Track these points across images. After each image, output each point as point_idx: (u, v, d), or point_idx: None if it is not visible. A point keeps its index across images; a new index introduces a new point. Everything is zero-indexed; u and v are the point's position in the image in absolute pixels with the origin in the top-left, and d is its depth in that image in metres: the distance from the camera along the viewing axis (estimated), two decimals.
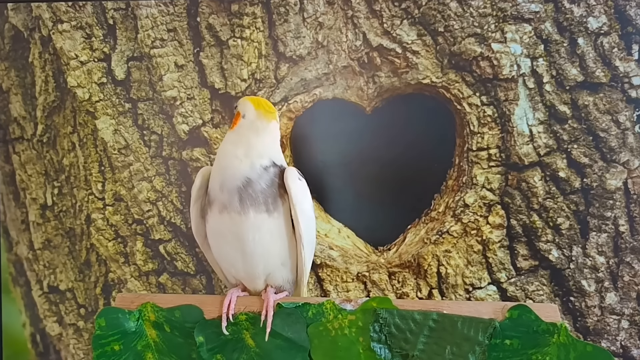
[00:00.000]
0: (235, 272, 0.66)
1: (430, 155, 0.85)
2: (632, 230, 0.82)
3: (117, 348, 0.64)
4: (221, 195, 0.63)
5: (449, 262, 0.85)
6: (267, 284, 0.66)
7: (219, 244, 0.66)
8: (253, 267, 0.65)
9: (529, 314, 0.62)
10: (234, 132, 0.66)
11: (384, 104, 0.86)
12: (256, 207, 0.62)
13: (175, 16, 0.87)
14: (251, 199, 0.62)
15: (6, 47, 0.92)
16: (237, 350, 0.64)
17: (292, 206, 0.64)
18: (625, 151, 0.82)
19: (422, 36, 0.84)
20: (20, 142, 0.93)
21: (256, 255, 0.64)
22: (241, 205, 0.62)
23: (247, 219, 0.62)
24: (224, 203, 0.63)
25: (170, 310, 0.65)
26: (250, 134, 0.64)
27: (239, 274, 0.66)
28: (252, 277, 0.66)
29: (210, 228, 0.65)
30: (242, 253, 0.64)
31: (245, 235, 0.63)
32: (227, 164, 0.64)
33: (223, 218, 0.63)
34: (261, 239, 0.63)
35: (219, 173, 0.64)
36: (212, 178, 0.65)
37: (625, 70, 0.82)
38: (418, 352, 0.63)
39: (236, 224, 0.63)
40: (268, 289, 0.65)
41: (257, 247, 0.63)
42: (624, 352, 0.83)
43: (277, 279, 0.66)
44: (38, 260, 0.93)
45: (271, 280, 0.66)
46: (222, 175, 0.63)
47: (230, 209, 0.62)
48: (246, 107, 0.66)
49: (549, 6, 0.82)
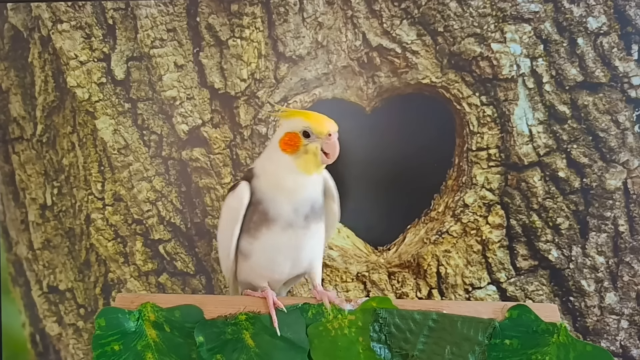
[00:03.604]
0: (279, 276, 0.67)
1: (429, 155, 0.85)
2: (632, 230, 0.82)
3: (117, 348, 0.64)
4: (292, 217, 0.64)
5: (448, 262, 0.85)
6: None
7: (271, 257, 0.66)
8: (297, 269, 0.67)
9: (529, 314, 0.62)
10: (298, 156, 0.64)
11: (383, 104, 0.86)
12: (316, 220, 0.65)
13: (174, 16, 0.87)
14: (314, 214, 0.65)
15: (6, 47, 0.92)
16: (237, 350, 0.64)
17: (335, 208, 0.68)
18: (625, 151, 0.82)
19: (421, 36, 0.84)
20: (19, 142, 0.93)
21: (305, 259, 0.67)
22: (305, 222, 0.64)
23: (309, 230, 0.65)
24: (289, 222, 0.64)
25: (170, 310, 0.65)
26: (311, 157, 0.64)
27: (281, 277, 0.68)
28: (290, 278, 0.69)
29: (264, 243, 0.65)
30: (293, 260, 0.66)
31: (305, 243, 0.65)
32: (296, 188, 0.64)
33: (287, 234, 0.64)
34: (315, 244, 0.67)
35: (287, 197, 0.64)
36: (277, 200, 0.64)
37: (624, 70, 0.82)
38: (418, 352, 0.63)
39: (299, 237, 0.65)
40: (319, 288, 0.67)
41: (309, 251, 0.66)
42: (623, 352, 0.83)
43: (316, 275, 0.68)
44: (38, 260, 0.93)
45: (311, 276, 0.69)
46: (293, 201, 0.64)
47: (295, 226, 0.64)
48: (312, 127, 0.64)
49: (549, 6, 0.82)
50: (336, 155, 0.63)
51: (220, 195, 0.87)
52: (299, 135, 0.63)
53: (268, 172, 0.65)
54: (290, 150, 0.63)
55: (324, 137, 0.63)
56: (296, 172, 0.63)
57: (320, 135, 0.63)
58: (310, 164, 0.63)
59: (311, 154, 0.63)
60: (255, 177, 0.66)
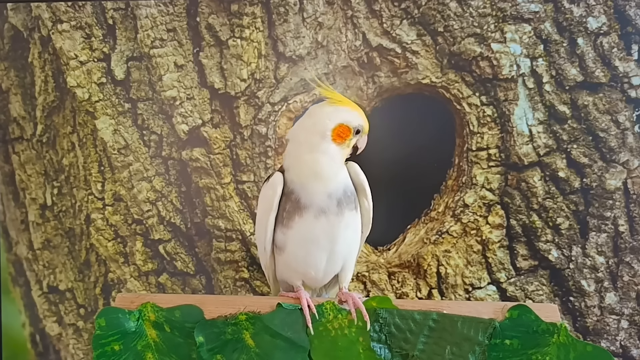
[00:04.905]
0: (315, 273, 0.67)
1: (430, 155, 0.85)
2: (632, 230, 0.82)
3: (117, 348, 0.64)
4: (326, 202, 0.64)
5: (448, 262, 0.85)
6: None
7: (305, 248, 0.66)
8: (333, 265, 0.67)
9: (529, 314, 0.63)
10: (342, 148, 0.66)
11: (383, 104, 0.86)
12: (349, 207, 0.66)
13: (174, 16, 0.87)
14: (347, 200, 0.66)
15: (6, 47, 0.92)
16: (237, 350, 0.64)
17: (367, 204, 0.69)
18: (625, 151, 0.82)
19: (421, 36, 0.84)
20: (19, 142, 0.93)
21: (340, 255, 0.67)
22: (339, 208, 0.65)
23: (343, 218, 0.65)
24: (322, 208, 0.64)
25: (170, 310, 0.65)
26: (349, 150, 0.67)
27: (317, 273, 0.67)
28: (327, 276, 0.68)
29: (297, 233, 0.65)
30: (330, 252, 0.66)
31: (339, 233, 0.65)
32: (333, 177, 0.65)
33: (319, 221, 0.64)
34: (350, 235, 0.67)
35: (323, 184, 0.65)
36: (310, 187, 0.65)
37: (624, 70, 0.82)
38: (418, 352, 0.63)
39: (333, 225, 0.65)
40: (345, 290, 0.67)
41: (344, 244, 0.66)
42: (623, 352, 0.83)
43: (347, 274, 0.69)
44: (38, 260, 0.93)
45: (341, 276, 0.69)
46: (328, 187, 0.65)
47: (328, 213, 0.64)
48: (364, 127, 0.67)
49: (549, 6, 0.82)
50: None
51: (220, 195, 0.87)
52: (352, 130, 0.66)
53: (305, 162, 0.65)
54: (339, 141, 0.65)
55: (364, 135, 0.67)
56: (339, 163, 0.66)
57: (364, 134, 0.67)
58: (346, 156, 0.66)
59: (350, 148, 0.66)
60: (286, 172, 0.66)
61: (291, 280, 0.68)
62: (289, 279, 0.68)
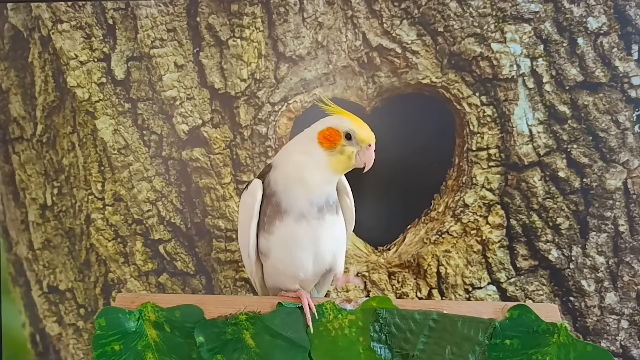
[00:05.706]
0: (304, 274, 0.67)
1: (430, 155, 0.85)
2: (632, 230, 0.82)
3: (117, 348, 0.64)
4: (307, 208, 0.64)
5: (448, 262, 0.85)
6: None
7: (289, 251, 0.66)
8: (321, 265, 0.67)
9: (529, 314, 0.63)
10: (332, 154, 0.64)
11: (383, 103, 0.86)
12: (330, 212, 0.66)
13: (174, 16, 0.87)
14: (328, 207, 0.65)
15: (6, 47, 0.92)
16: (238, 350, 0.64)
17: (349, 202, 0.69)
18: (625, 151, 0.82)
19: (421, 36, 0.84)
20: (19, 142, 0.93)
21: (327, 253, 0.66)
22: (319, 213, 0.65)
23: (324, 222, 0.65)
24: (302, 213, 0.64)
25: (171, 310, 0.65)
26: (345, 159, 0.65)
27: (306, 274, 0.67)
28: (316, 276, 0.68)
29: (279, 237, 0.65)
30: (315, 254, 0.66)
31: (322, 235, 0.65)
32: (318, 183, 0.65)
33: (300, 225, 0.64)
34: (335, 236, 0.67)
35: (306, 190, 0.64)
36: (292, 191, 0.64)
37: (624, 70, 0.82)
38: (418, 352, 0.63)
39: (314, 229, 0.65)
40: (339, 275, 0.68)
41: (329, 243, 0.66)
42: (623, 352, 0.83)
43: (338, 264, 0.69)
44: (38, 260, 0.93)
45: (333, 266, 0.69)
46: (310, 194, 0.64)
47: (309, 217, 0.64)
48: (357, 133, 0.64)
49: (549, 6, 0.82)
50: (371, 166, 0.65)
51: (220, 195, 0.87)
52: (342, 134, 0.64)
53: (292, 162, 0.65)
54: (327, 145, 0.64)
55: (364, 146, 0.64)
56: (325, 168, 0.64)
57: (361, 143, 0.64)
58: (341, 165, 0.64)
59: (346, 156, 0.64)
60: (273, 169, 0.66)
61: (284, 286, 0.67)
62: (282, 284, 0.68)
